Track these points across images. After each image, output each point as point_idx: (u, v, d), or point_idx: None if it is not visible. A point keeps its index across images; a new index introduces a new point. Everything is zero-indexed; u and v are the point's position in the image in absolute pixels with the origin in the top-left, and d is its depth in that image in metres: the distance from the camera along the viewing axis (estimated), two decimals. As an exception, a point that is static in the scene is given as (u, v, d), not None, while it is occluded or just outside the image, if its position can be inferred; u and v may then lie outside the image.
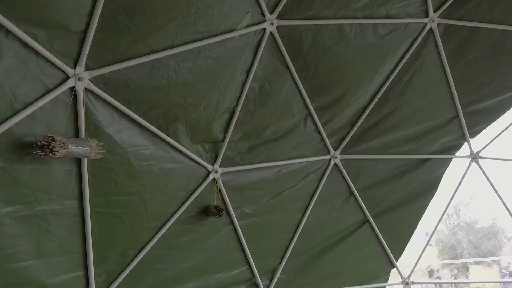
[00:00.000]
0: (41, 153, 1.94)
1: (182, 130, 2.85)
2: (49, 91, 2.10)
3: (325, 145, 3.65)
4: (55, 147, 1.95)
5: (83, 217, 2.43)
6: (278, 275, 3.53)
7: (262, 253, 3.44)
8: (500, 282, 2.64)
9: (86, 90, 2.27)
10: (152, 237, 2.82)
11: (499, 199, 4.38)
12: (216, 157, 3.12)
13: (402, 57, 3.36)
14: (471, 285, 13.63)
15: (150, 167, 2.72)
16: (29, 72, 2.02)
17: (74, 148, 2.05)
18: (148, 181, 2.71)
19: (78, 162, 2.34)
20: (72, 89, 2.20)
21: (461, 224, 19.16)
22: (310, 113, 3.40)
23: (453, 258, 16.12)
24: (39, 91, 2.07)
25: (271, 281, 3.52)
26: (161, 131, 2.71)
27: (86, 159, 2.31)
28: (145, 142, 2.66)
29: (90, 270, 2.50)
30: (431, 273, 15.22)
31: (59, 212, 2.31)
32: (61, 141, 1.98)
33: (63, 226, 2.35)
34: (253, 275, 3.41)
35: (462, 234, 18.58)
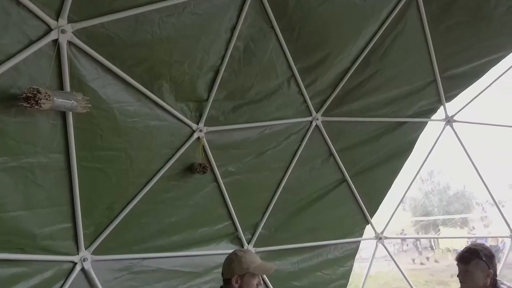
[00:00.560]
0: (26, 105, 1.95)
1: (166, 88, 2.87)
2: (32, 43, 2.07)
3: (307, 107, 3.73)
4: (41, 99, 1.96)
5: (70, 171, 2.47)
6: (259, 230, 3.68)
7: (244, 210, 3.57)
8: (467, 238, 2.86)
9: (70, 43, 2.25)
10: (138, 192, 2.89)
11: (471, 164, 4.62)
12: (201, 116, 3.16)
13: (385, 20, 3.40)
14: (441, 245, 14.45)
15: (135, 123, 2.75)
16: (12, 22, 1.98)
17: (59, 101, 2.06)
18: (133, 137, 2.75)
19: (63, 116, 2.35)
20: (55, 41, 2.17)
21: (434, 189, 20.03)
22: (293, 74, 3.45)
23: (426, 224, 16.93)
24: (22, 43, 2.04)
25: (253, 235, 3.67)
26: (145, 87, 2.72)
27: (71, 113, 2.33)
28: (129, 99, 2.68)
29: (78, 222, 2.58)
30: (403, 234, 16.05)
31: (45, 165, 2.35)
32: (46, 93, 1.98)
33: (50, 179, 2.40)
34: (236, 230, 3.55)
35: (435, 199, 19.48)
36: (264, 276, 3.69)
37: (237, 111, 3.34)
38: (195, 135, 3.13)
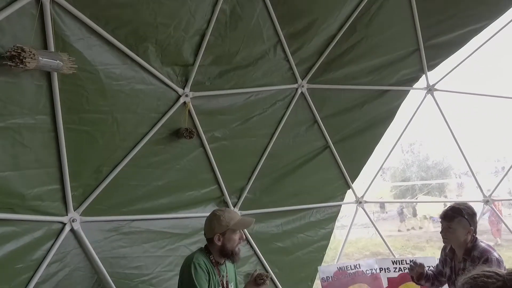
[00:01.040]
0: (11, 64, 1.93)
1: (152, 51, 2.85)
2: (14, 0, 2.03)
3: (293, 74, 3.77)
4: (25, 57, 1.94)
5: (56, 133, 2.48)
6: (245, 194, 3.79)
7: (230, 174, 3.66)
8: (443, 203, 3.02)
9: (53, 2, 2.20)
10: (125, 156, 2.92)
11: (451, 135, 4.79)
12: (187, 81, 3.17)
13: (371, -14, 3.41)
14: (418, 212, 15.05)
15: (121, 86, 2.74)
16: (-9, -21, 1.93)
17: (45, 61, 2.04)
18: (119, 100, 2.76)
19: (48, 77, 2.33)
20: (38, 0, 2.13)
21: (414, 160, 20.60)
22: (280, 40, 3.46)
23: (404, 190, 17.48)
24: (4, 0, 1.99)
25: (238, 199, 3.78)
26: (130, 50, 2.70)
27: (56, 74, 2.31)
28: (115, 61, 2.66)
29: (66, 184, 2.61)
30: (382, 204, 16.62)
31: (32, 126, 2.35)
32: (31, 52, 1.96)
33: (37, 140, 2.40)
34: (222, 194, 3.64)
35: (414, 169, 20.09)
36: (249, 237, 3.85)
37: (223, 76, 3.35)
38: (181, 100, 3.15)
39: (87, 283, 2.76)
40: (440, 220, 3.14)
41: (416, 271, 3.18)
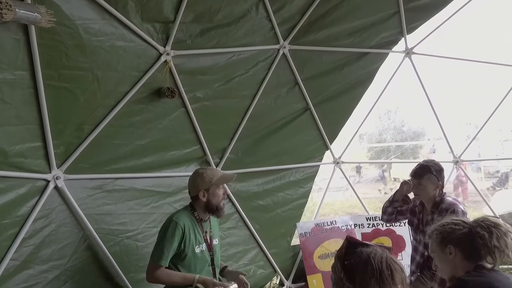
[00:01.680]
0: (-14, 15, 1.87)
1: (131, 6, 2.78)
2: None
3: (275, 34, 3.76)
4: (2, 9, 1.87)
5: (36, 89, 2.44)
6: (227, 154, 3.86)
7: (213, 135, 3.70)
8: (416, 163, 3.17)
9: (26, -51, 2.10)
10: (107, 114, 2.90)
11: (427, 99, 4.95)
12: (167, 38, 3.12)
13: None
14: (392, 175, 15.64)
15: (101, 43, 2.69)
16: None
17: (22, 13, 1.98)
18: (99, 57, 2.71)
19: (26, 31, 2.26)
20: None
21: (389, 126, 21.14)
22: (262, -3, 3.42)
23: (379, 152, 17.98)
24: None
25: (221, 159, 3.85)
26: (109, 4, 2.63)
27: (33, 28, 2.24)
28: (93, 15, 2.59)
29: (48, 141, 2.60)
30: (358, 169, 17.14)
31: (12, 82, 2.30)
32: (7, 3, 1.89)
33: (17, 96, 2.36)
34: (205, 154, 3.70)
35: (389, 136, 20.67)
36: (231, 195, 3.97)
37: (204, 35, 3.31)
38: (162, 58, 3.11)
39: (73, 238, 2.82)
40: (410, 178, 3.33)
41: (405, 189, 3.36)
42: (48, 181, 2.68)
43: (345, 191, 13.54)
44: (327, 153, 4.76)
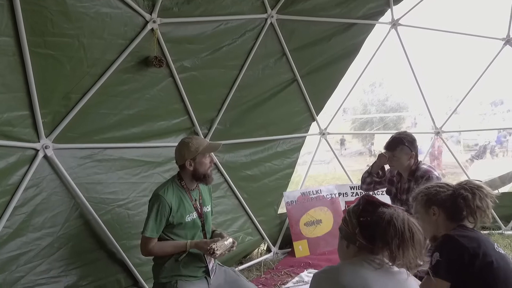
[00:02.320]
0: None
1: (117, -29, 2.71)
2: None
3: (263, 2, 3.73)
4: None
5: (22, 57, 2.39)
6: (215, 125, 3.88)
7: (201, 105, 3.71)
8: (389, 134, 3.26)
9: None
10: (94, 83, 2.87)
11: (411, 71, 5.03)
12: (153, 6, 3.06)
13: None
14: (375, 148, 15.95)
15: (86, 9, 2.62)
16: None
17: (4, -26, 1.92)
18: (84, 24, 2.65)
19: (8, -5, 2.20)
20: None
21: (373, 99, 21.38)
22: (249, -36, 3.36)
23: (364, 123, 18.28)
24: None
25: (209, 130, 3.88)
26: (94, -31, 2.56)
27: (16, -8, 2.18)
28: (77, -20, 2.52)
29: (35, 110, 2.57)
30: (342, 141, 17.45)
31: (-4, 48, 2.25)
32: (-11, -37, 1.83)
33: (2, 64, 2.31)
34: (193, 125, 3.71)
35: (374, 109, 20.92)
36: (220, 166, 4.03)
37: (191, 2, 3.25)
38: (149, 26, 3.06)
39: (65, 207, 2.84)
40: (384, 150, 3.46)
41: (382, 161, 3.51)
42: (37, 150, 2.67)
43: (328, 163, 13.81)
44: (313, 125, 4.85)
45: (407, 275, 1.48)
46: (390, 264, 1.46)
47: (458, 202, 1.96)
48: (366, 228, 1.50)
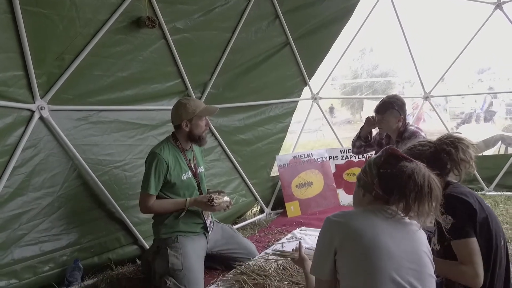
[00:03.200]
0: None
1: None
2: None
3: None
4: None
5: (14, 15, 2.35)
6: (208, 89, 3.89)
7: (194, 68, 3.70)
8: (379, 99, 3.32)
9: None
10: (87, 44, 2.83)
11: (403, 35, 5.04)
12: (146, -36, 2.99)
13: None
14: (363, 116, 16.12)
15: (76, -34, 2.56)
16: None
17: None
18: (76, -19, 2.59)
19: None
20: None
21: (363, 67, 21.35)
22: None
23: (355, 88, 18.39)
24: None
25: (202, 93, 3.89)
26: None
27: None
28: None
29: (29, 70, 2.54)
30: (331, 109, 17.53)
31: (-13, 5, 2.20)
32: None
33: (-6, 22, 2.27)
34: (186, 88, 3.72)
35: (363, 76, 20.93)
36: (214, 130, 4.07)
37: (183, -39, 3.19)
38: (141, -15, 3.00)
39: (63, 167, 2.88)
40: (374, 113, 3.55)
41: (370, 125, 3.63)
42: (33, 112, 2.67)
43: (318, 131, 13.96)
44: (305, 90, 4.89)
45: (417, 227, 1.53)
46: (403, 215, 1.52)
47: (442, 157, 2.00)
48: (385, 180, 1.54)
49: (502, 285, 2.02)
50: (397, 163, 1.54)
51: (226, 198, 2.79)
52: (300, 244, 2.09)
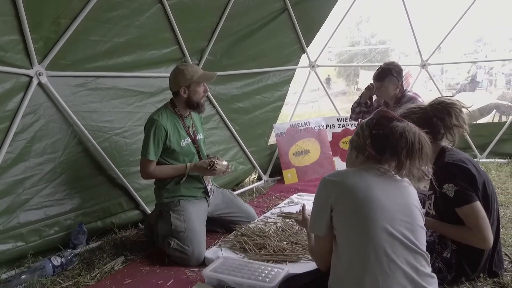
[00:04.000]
0: None
1: None
2: None
3: None
4: None
5: (7, -25, 2.29)
6: (206, 55, 3.86)
7: (191, 34, 3.65)
8: (375, 66, 3.29)
9: None
10: (83, 8, 2.78)
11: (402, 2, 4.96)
12: None
13: None
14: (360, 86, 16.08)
15: None
16: None
17: None
18: None
19: None
20: None
21: (360, 37, 21.07)
22: None
23: (353, 55, 18.26)
24: None
25: (200, 60, 3.86)
26: None
27: None
28: None
29: (26, 35, 2.50)
30: (328, 80, 17.45)
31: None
32: None
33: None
34: (184, 55, 3.69)
35: (358, 49, 20.71)
36: (211, 97, 4.08)
37: None
38: None
39: (63, 134, 2.89)
40: (373, 81, 3.56)
41: (370, 91, 3.66)
42: (31, 77, 2.65)
43: (314, 103, 13.95)
44: (302, 58, 4.86)
45: (407, 184, 1.60)
46: (394, 173, 1.59)
47: (435, 123, 2.05)
48: (377, 140, 1.60)
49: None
50: (389, 124, 1.59)
51: (225, 162, 2.84)
52: (304, 206, 2.16)
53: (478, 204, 1.94)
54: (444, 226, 2.05)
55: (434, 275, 1.56)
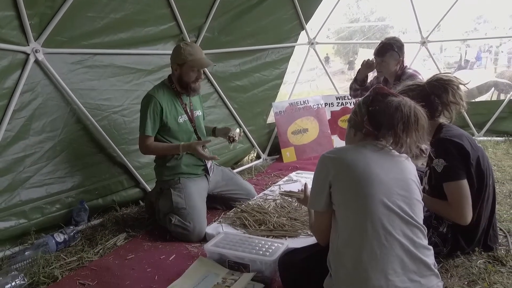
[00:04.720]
0: None
1: None
2: None
3: None
4: None
5: None
6: (203, 32, 3.80)
7: (188, 11, 3.58)
8: (375, 44, 3.26)
9: None
10: (78, -18, 2.73)
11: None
12: None
13: None
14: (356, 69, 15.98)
15: None
16: None
17: None
18: None
19: None
20: None
21: (358, 14, 20.75)
22: None
23: (352, 32, 18.07)
24: None
25: (197, 37, 3.81)
26: None
27: None
28: None
29: (21, 10, 2.45)
30: (326, 59, 17.31)
31: None
32: None
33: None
34: (181, 32, 3.63)
35: (357, 26, 20.43)
36: (210, 76, 4.05)
37: None
38: None
39: (62, 112, 2.87)
40: (374, 56, 3.53)
41: (368, 67, 3.64)
42: (28, 54, 2.62)
43: (312, 82, 13.87)
44: (302, 32, 4.80)
45: (405, 159, 1.62)
46: (391, 148, 1.61)
47: (433, 101, 2.05)
48: (374, 116, 1.62)
49: (487, 221, 2.17)
50: (385, 99, 1.61)
51: (237, 130, 2.93)
52: (305, 184, 2.19)
53: (464, 182, 1.97)
54: (431, 200, 2.09)
55: (431, 247, 1.59)
